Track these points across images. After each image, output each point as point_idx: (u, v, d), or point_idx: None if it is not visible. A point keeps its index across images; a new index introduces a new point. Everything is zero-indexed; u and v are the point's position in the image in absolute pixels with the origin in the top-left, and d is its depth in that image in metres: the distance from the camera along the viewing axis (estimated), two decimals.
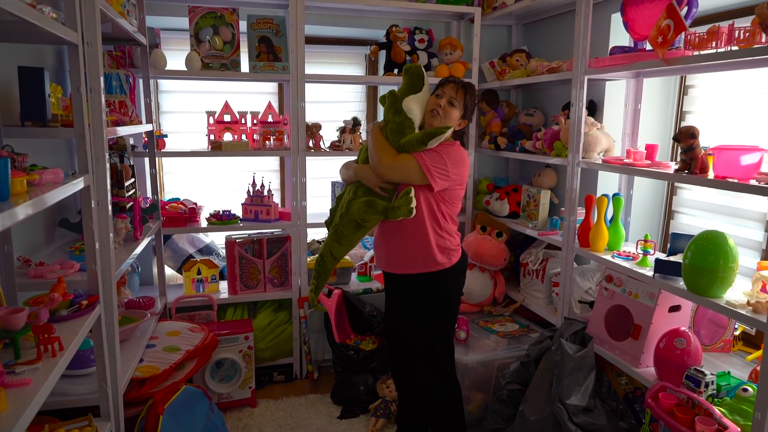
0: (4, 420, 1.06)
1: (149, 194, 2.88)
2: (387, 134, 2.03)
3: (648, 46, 2.15)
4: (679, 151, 1.90)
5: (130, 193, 2.51)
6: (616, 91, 2.64)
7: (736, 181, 1.67)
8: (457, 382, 2.22)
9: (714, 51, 1.75)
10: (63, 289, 1.58)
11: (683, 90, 2.57)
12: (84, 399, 1.71)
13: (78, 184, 1.49)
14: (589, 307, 2.49)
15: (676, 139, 1.87)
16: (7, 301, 1.54)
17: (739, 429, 1.58)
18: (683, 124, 2.53)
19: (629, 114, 2.53)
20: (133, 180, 2.58)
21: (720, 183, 1.73)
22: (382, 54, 3.12)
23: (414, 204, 1.94)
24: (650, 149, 2.23)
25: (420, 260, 2.06)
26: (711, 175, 1.81)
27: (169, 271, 3.16)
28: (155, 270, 3.03)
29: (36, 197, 1.18)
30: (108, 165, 1.72)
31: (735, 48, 1.68)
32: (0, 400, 1.09)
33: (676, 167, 1.93)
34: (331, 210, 2.26)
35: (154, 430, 1.95)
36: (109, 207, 1.72)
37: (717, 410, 1.65)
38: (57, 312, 1.51)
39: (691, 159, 1.84)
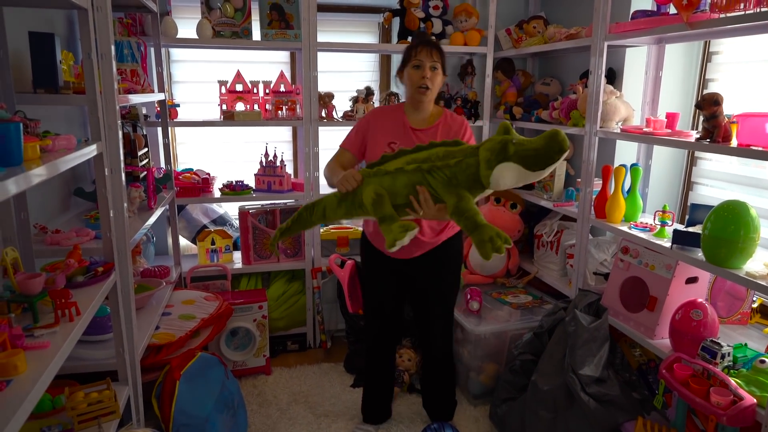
0: (25, 380, 1.08)
1: (162, 164, 2.88)
2: (464, 164, 1.62)
3: (672, 10, 2.07)
4: (701, 119, 1.84)
5: (144, 162, 2.52)
6: (636, 58, 2.56)
7: (761, 149, 1.62)
8: None
9: (742, 13, 1.68)
10: (79, 256, 1.60)
11: (707, 57, 2.48)
12: (102, 364, 1.75)
13: (91, 151, 1.49)
14: (603, 278, 2.47)
15: (698, 106, 1.81)
16: (24, 267, 1.55)
17: (755, 400, 1.57)
18: (706, 92, 2.46)
19: (650, 82, 2.45)
20: (146, 149, 2.58)
21: (744, 151, 1.68)
22: (396, 21, 3.06)
23: (404, 243, 1.62)
24: (671, 118, 2.17)
25: (443, 226, 2.09)
26: (734, 143, 1.75)
27: (183, 241, 3.18)
28: (170, 240, 3.05)
29: (49, 162, 1.18)
30: (121, 133, 1.72)
31: (765, 9, 1.61)
32: (20, 362, 1.11)
33: (698, 136, 1.88)
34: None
35: (171, 394, 1.99)
36: (123, 175, 1.73)
37: (733, 381, 1.64)
38: (73, 278, 1.53)
39: (713, 127, 1.79)
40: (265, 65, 3.23)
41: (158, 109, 2.74)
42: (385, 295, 2.24)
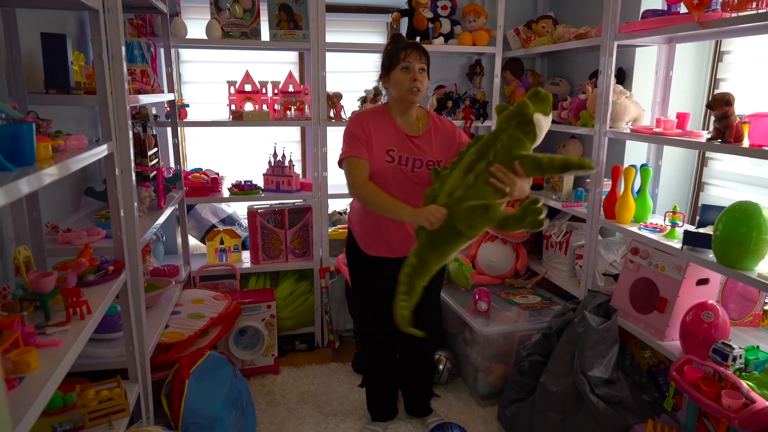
0: (37, 378, 1.09)
1: (172, 164, 2.90)
2: (504, 138, 1.74)
3: (683, 9, 2.06)
4: (713, 119, 1.83)
5: (153, 162, 2.53)
6: (646, 58, 2.54)
7: None
8: None
9: (754, 12, 1.66)
10: (90, 255, 1.61)
11: (718, 56, 2.46)
12: (112, 362, 1.76)
13: (102, 151, 1.50)
14: (613, 279, 2.45)
15: (709, 106, 1.80)
16: (36, 266, 1.57)
17: (767, 403, 1.55)
18: (717, 92, 2.44)
19: (660, 82, 2.44)
20: (156, 149, 2.60)
21: (756, 151, 1.66)
22: (404, 21, 3.06)
23: (545, 215, 1.68)
24: (681, 118, 2.16)
25: None
26: (746, 143, 1.74)
27: (192, 240, 3.20)
28: (179, 239, 3.07)
29: (61, 162, 1.19)
30: (131, 133, 1.73)
31: None
32: (32, 359, 1.12)
33: (709, 136, 1.86)
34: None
35: (180, 393, 2.00)
36: (133, 175, 1.74)
37: (745, 384, 1.62)
38: (84, 277, 1.54)
39: (725, 127, 1.77)
40: (274, 65, 3.24)
41: (168, 109, 2.76)
42: (381, 297, 2.16)
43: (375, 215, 2.01)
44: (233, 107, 2.86)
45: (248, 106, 2.88)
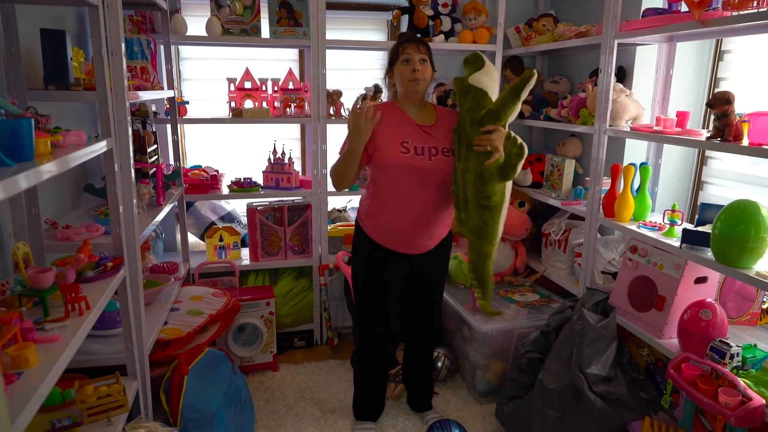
0: (36, 373, 1.10)
1: (171, 161, 2.90)
2: (464, 118, 1.95)
3: (683, 8, 2.06)
4: (712, 118, 1.83)
5: (153, 159, 2.53)
6: (647, 56, 2.54)
7: None
8: None
9: (755, 11, 1.66)
10: (89, 251, 1.62)
11: (718, 55, 2.46)
12: (111, 358, 1.77)
13: (101, 147, 1.50)
14: (612, 277, 2.45)
15: (709, 104, 1.80)
16: (35, 262, 1.57)
17: (764, 401, 1.56)
18: (717, 90, 2.44)
19: (660, 80, 2.44)
20: (155, 146, 2.60)
21: (755, 150, 1.66)
22: (405, 19, 3.05)
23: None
24: (681, 116, 2.16)
25: (449, 219, 2.16)
26: (746, 142, 1.74)
27: (192, 238, 3.20)
28: (178, 236, 3.07)
29: (60, 158, 1.19)
30: (130, 129, 1.73)
31: None
32: (31, 355, 1.13)
33: (709, 135, 1.86)
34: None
35: (179, 389, 2.00)
36: (132, 171, 1.74)
37: (741, 382, 1.63)
38: (83, 273, 1.54)
39: (724, 126, 1.77)
40: (274, 63, 3.24)
41: (167, 106, 2.76)
42: (390, 293, 2.21)
43: (387, 210, 2.05)
44: (233, 104, 2.86)
45: (248, 104, 2.88)
